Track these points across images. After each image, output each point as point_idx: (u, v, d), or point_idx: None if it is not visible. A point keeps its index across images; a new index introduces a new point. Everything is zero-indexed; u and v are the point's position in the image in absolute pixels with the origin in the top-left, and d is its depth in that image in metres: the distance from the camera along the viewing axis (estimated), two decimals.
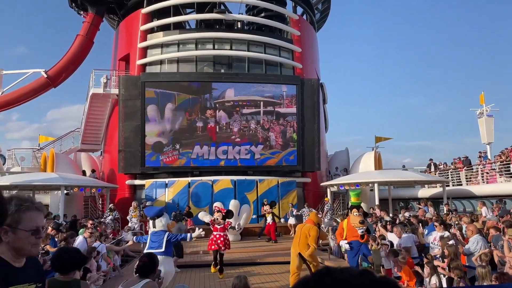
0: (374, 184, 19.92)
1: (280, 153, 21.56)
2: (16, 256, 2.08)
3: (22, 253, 2.09)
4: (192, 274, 11.35)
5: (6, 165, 24.56)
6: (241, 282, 4.94)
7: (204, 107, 21.29)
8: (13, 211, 2.04)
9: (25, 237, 2.05)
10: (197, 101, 21.27)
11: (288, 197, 20.39)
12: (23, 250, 2.08)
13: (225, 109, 21.42)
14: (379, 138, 27.32)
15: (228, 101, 21.51)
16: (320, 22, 30.17)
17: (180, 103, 21.06)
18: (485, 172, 20.41)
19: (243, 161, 21.21)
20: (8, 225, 2.01)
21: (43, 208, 2.23)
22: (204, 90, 21.37)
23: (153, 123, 20.80)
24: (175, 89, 21.06)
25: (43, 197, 22.33)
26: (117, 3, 24.91)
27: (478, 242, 7.97)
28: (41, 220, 2.16)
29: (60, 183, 18.15)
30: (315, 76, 24.79)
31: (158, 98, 20.89)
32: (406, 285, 8.83)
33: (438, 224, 9.65)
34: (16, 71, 23.62)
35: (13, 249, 2.05)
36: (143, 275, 4.07)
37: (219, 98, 21.44)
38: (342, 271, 0.89)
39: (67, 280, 3.45)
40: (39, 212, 2.16)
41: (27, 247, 2.07)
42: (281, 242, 17.01)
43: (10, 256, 2.06)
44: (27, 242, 2.06)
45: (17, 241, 2.04)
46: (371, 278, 0.87)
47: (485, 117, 23.99)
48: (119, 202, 20.88)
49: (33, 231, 2.08)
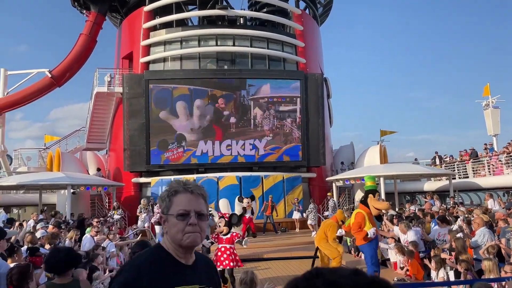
0: (379, 178, 19.87)
1: (280, 149, 21.45)
2: (179, 249, 1.83)
3: (178, 243, 1.82)
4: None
5: (13, 165, 24.76)
6: (248, 276, 4.96)
7: (240, 103, 21.32)
8: (165, 196, 1.86)
9: (174, 224, 1.81)
10: (231, 98, 21.28)
11: (294, 193, 20.40)
12: (176, 240, 1.81)
13: (261, 106, 21.52)
14: (384, 132, 27.20)
15: (262, 98, 21.59)
16: (322, 16, 30.00)
17: (211, 100, 21.11)
18: (491, 164, 20.30)
19: (247, 157, 21.13)
20: (162, 212, 1.84)
21: (200, 190, 1.95)
22: (239, 86, 21.42)
23: (182, 119, 20.82)
24: (208, 86, 21.10)
25: (50, 197, 22.51)
26: (119, 2, 24.92)
27: (484, 235, 7.93)
28: (192, 204, 1.85)
29: (66, 182, 18.27)
30: (319, 70, 24.70)
31: (191, 94, 20.92)
32: (414, 279, 8.83)
33: (439, 222, 9.65)
34: (20, 72, 23.73)
35: (172, 241, 1.83)
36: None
37: (255, 94, 21.52)
38: (332, 272, 0.86)
39: (65, 282, 3.43)
40: (190, 194, 1.88)
41: (178, 236, 1.80)
42: (288, 238, 17.04)
43: (174, 250, 1.83)
44: (177, 229, 1.80)
45: (169, 230, 1.82)
46: (362, 278, 0.84)
47: (491, 108, 23.80)
48: (125, 200, 21.01)
49: (179, 216, 1.81)
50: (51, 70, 22.77)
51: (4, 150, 22.66)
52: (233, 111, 21.28)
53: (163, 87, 20.89)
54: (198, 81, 21.18)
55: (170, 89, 20.90)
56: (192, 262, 1.88)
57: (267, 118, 21.57)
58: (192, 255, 1.89)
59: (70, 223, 14.01)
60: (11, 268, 3.71)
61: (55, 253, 3.71)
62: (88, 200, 22.28)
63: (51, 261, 3.55)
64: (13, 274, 3.52)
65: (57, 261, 3.49)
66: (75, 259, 3.71)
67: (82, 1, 24.14)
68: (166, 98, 20.86)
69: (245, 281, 4.95)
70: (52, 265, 3.52)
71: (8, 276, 3.53)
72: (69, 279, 3.49)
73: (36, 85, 22.85)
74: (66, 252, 3.67)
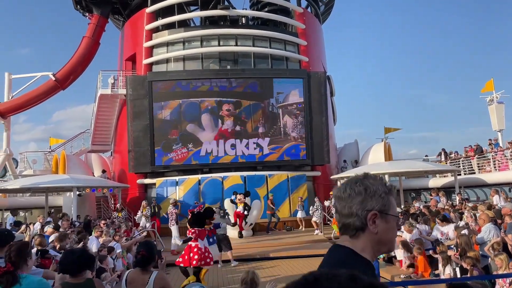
0: (385, 176, 19.81)
1: (281, 148, 21.45)
2: (375, 254, 1.61)
3: (385, 249, 1.63)
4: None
5: (19, 168, 24.91)
6: (248, 276, 4.97)
7: (269, 112, 21.45)
8: (382, 192, 1.57)
9: (393, 226, 1.59)
10: (259, 107, 21.40)
11: (299, 191, 20.39)
12: (387, 245, 1.60)
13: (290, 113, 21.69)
14: (388, 129, 27.12)
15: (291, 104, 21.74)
16: (325, 14, 29.94)
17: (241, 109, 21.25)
18: (497, 160, 20.19)
19: (250, 157, 21.11)
20: (379, 211, 1.55)
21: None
22: (266, 95, 21.51)
23: (208, 131, 21.00)
24: (234, 97, 21.22)
25: (56, 199, 22.65)
26: (121, 4, 24.99)
27: (490, 231, 7.90)
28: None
29: (72, 184, 18.36)
30: (322, 69, 24.65)
31: (218, 106, 21.08)
32: (420, 276, 8.81)
33: (440, 221, 9.62)
34: (24, 75, 23.89)
35: (377, 243, 1.58)
36: (143, 266, 4.06)
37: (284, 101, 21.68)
38: (329, 279, 0.83)
39: (79, 281, 3.46)
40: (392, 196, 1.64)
41: (394, 240, 1.62)
42: (293, 236, 17.05)
43: (371, 255, 1.58)
44: (393, 233, 1.60)
45: (386, 232, 1.57)
46: (360, 284, 0.82)
47: (495, 104, 23.66)
48: (130, 202, 21.09)
49: (397, 218, 1.63)
50: (55, 73, 22.90)
51: (10, 153, 22.82)
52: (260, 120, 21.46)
53: (191, 101, 21.07)
54: (201, 81, 21.25)
55: (197, 102, 21.11)
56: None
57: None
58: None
59: (76, 225, 14.08)
60: (9, 244, 3.71)
61: (68, 254, 3.71)
62: (94, 202, 22.39)
63: (65, 262, 3.57)
64: (12, 251, 3.53)
65: (71, 262, 3.50)
66: (88, 260, 3.73)
67: (85, 4, 24.25)
68: (192, 110, 21.11)
69: (246, 280, 4.95)
70: (66, 267, 3.54)
71: (6, 253, 3.54)
72: (83, 278, 3.53)
73: (40, 88, 22.99)
74: (80, 253, 3.69)
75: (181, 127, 20.88)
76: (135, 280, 4.01)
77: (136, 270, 4.12)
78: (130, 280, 4.02)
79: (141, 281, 3.97)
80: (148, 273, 4.01)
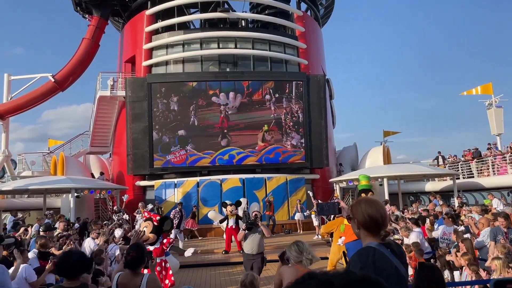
0: (383, 179, 19.81)
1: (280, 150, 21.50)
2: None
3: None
4: (199, 272, 11.40)
5: (17, 169, 24.83)
6: (247, 279, 4.93)
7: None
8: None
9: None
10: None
11: (297, 194, 20.37)
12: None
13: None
14: (387, 132, 27.16)
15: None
16: (324, 17, 30.01)
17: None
18: (496, 164, 20.20)
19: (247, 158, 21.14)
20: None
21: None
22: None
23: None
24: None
25: (54, 201, 22.56)
26: (121, 5, 25.02)
27: (489, 235, 7.87)
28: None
29: (70, 186, 18.32)
30: (321, 72, 24.69)
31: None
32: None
33: (446, 217, 9.57)
34: (23, 76, 23.84)
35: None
36: (134, 268, 4.00)
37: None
38: (325, 273, 0.91)
39: (74, 285, 3.39)
40: None
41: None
42: (291, 239, 16.99)
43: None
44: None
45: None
46: (353, 276, 0.88)
47: (494, 108, 23.67)
48: (129, 204, 21.00)
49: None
50: (54, 74, 22.88)
51: (9, 154, 22.74)
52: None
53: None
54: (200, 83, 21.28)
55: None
56: None
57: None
58: None
59: (76, 227, 14.02)
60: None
61: (67, 256, 3.58)
62: (92, 203, 22.33)
63: (63, 264, 3.45)
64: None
65: (69, 265, 3.40)
66: (87, 263, 3.63)
67: (85, 6, 24.27)
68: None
69: (245, 283, 4.91)
70: (64, 269, 3.43)
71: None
72: (78, 282, 3.44)
73: (39, 89, 22.95)
74: (79, 256, 3.58)
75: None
76: (127, 283, 3.94)
77: (126, 273, 4.03)
78: (121, 283, 3.95)
79: (133, 283, 3.90)
80: (139, 276, 3.94)
